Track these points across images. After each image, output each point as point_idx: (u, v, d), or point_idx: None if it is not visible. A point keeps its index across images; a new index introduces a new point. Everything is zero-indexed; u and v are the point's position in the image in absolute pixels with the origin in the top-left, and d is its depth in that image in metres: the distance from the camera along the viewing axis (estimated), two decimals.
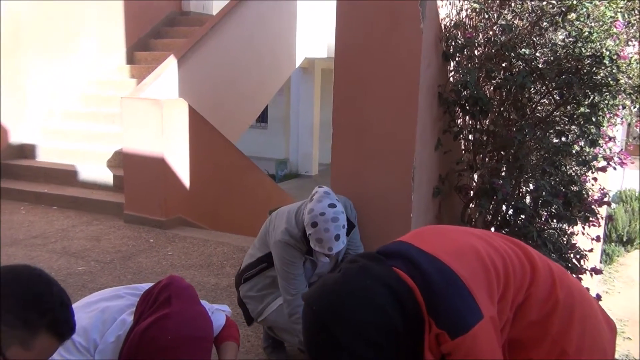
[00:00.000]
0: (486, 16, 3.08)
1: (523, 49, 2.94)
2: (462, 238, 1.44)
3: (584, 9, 2.82)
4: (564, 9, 2.84)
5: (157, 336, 1.59)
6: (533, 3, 2.99)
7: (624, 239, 10.51)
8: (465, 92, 2.96)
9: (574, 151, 3.30)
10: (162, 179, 5.21)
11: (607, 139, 3.56)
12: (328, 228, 2.37)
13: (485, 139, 3.17)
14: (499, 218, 3.29)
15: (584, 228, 3.48)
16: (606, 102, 3.10)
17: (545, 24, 2.98)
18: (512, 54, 2.96)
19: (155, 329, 1.60)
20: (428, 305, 1.29)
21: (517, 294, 1.38)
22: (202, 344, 1.68)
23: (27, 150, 7.13)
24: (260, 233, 2.76)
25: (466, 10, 3.15)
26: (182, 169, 5.30)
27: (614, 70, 2.83)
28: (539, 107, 3.26)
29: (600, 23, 2.84)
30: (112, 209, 5.69)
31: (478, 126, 3.17)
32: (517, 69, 3.00)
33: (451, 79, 3.13)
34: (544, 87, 3.10)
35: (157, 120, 5.10)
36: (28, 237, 4.90)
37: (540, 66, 2.94)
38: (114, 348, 1.66)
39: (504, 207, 3.30)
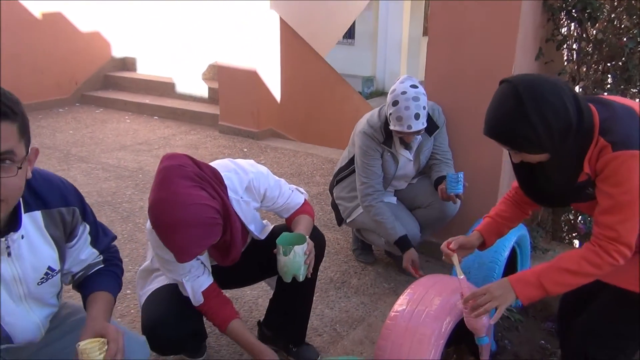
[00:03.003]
0: None
1: None
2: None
3: None
4: None
5: None
6: None
7: None
8: None
9: None
10: (254, 92, 5.36)
11: None
12: (408, 106, 2.43)
13: (591, 48, 2.99)
14: None
15: None
16: None
17: None
18: None
19: None
20: (602, 127, 1.45)
21: None
22: None
23: (128, 63, 7.53)
24: (351, 138, 2.84)
25: None
26: (273, 83, 5.41)
27: None
28: None
29: None
30: (207, 120, 5.97)
31: (584, 34, 2.98)
32: None
33: None
34: None
35: (249, 34, 5.18)
36: (134, 143, 5.29)
37: None
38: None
39: None
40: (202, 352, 2.19)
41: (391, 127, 2.51)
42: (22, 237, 1.32)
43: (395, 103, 2.45)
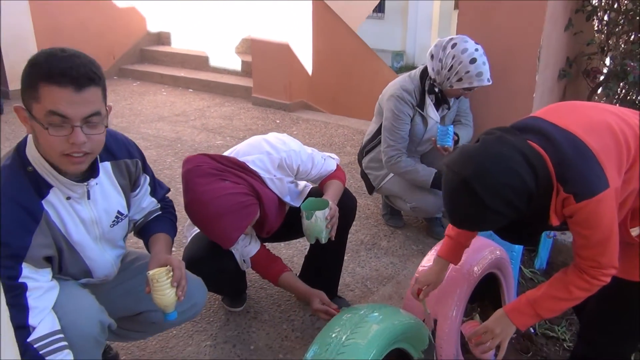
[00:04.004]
0: None
1: None
2: (595, 113, 1.52)
3: None
4: None
5: None
6: None
7: None
8: None
9: None
10: (286, 65, 5.49)
11: None
12: (485, 61, 2.57)
13: (621, 19, 3.03)
14: (627, 103, 3.20)
15: None
16: None
17: None
18: None
19: None
20: (558, 173, 1.40)
21: None
22: None
23: (163, 38, 7.71)
24: (375, 109, 2.96)
25: None
26: (305, 56, 5.52)
27: None
28: None
29: None
30: (240, 92, 6.13)
31: (614, 5, 3.02)
32: None
33: None
34: None
35: (282, 8, 5.29)
36: (171, 114, 5.49)
37: None
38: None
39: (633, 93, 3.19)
40: (242, 302, 2.38)
41: (464, 86, 2.60)
42: (97, 184, 1.50)
43: (473, 61, 2.55)
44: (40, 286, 1.39)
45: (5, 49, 5.71)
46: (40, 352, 1.34)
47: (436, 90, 2.71)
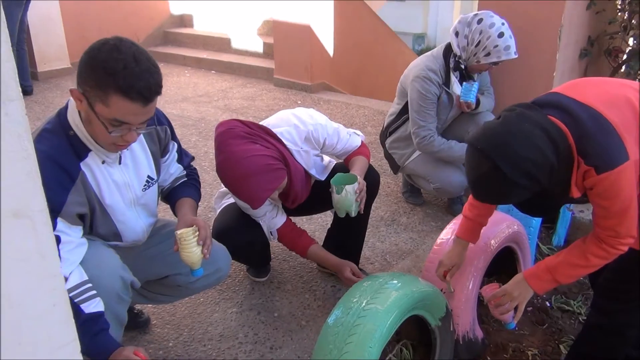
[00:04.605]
0: None
1: None
2: (615, 88, 1.56)
3: None
4: None
5: None
6: None
7: None
8: None
9: None
10: (308, 46, 5.53)
11: None
12: (511, 34, 2.61)
13: None
14: None
15: None
16: None
17: None
18: None
19: None
20: (578, 146, 1.45)
21: None
22: None
23: (185, 20, 7.80)
24: (398, 90, 2.99)
25: None
26: (326, 38, 5.56)
27: None
28: None
29: None
30: (262, 74, 6.20)
31: None
32: None
33: None
34: None
35: None
36: (195, 95, 5.59)
37: None
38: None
39: None
40: (266, 273, 2.47)
41: (492, 60, 2.64)
42: (128, 149, 1.60)
43: (500, 35, 2.59)
44: (72, 241, 1.50)
45: (33, 32, 5.84)
46: (75, 300, 1.44)
47: (462, 66, 2.75)
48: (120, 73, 1.36)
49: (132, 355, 1.47)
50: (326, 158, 2.35)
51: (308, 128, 2.10)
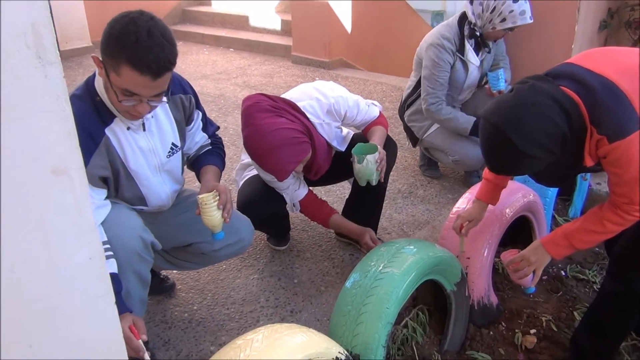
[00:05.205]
0: None
1: None
2: (628, 57, 1.57)
3: None
4: None
5: None
6: None
7: None
8: None
9: None
10: (326, 23, 5.53)
11: None
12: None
13: None
14: None
15: None
16: None
17: None
18: None
19: None
20: (591, 116, 1.46)
21: None
22: None
23: None
24: (414, 61, 3.01)
25: None
26: (344, 15, 5.55)
27: None
28: None
29: None
30: (280, 51, 6.22)
31: None
32: None
33: None
34: None
35: None
36: (214, 72, 5.64)
37: None
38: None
39: None
40: (286, 242, 2.55)
41: (508, 25, 2.65)
42: (152, 117, 1.66)
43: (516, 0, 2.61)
44: (93, 202, 1.57)
45: (55, 12, 5.92)
46: None
47: (477, 34, 2.76)
48: (131, 45, 1.41)
49: (126, 329, 1.47)
50: (345, 129, 2.40)
51: (330, 101, 2.14)
